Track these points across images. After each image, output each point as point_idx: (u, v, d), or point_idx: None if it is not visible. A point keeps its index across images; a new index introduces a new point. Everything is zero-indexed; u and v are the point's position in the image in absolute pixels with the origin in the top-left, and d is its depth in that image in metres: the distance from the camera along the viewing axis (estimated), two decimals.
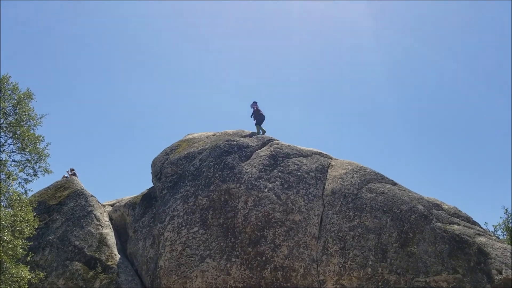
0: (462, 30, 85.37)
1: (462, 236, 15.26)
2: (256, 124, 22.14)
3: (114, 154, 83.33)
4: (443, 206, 16.83)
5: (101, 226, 20.41)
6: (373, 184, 17.65)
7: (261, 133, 21.85)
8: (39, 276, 15.82)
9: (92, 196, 21.93)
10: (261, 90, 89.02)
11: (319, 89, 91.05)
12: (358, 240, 16.03)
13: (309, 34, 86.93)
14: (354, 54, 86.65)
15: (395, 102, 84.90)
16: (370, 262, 15.55)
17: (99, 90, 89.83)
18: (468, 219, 16.50)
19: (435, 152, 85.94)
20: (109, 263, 18.78)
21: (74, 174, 24.44)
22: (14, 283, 14.37)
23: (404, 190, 17.38)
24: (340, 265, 15.81)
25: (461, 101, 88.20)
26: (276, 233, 16.74)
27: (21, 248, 14.92)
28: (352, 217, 16.64)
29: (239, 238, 16.87)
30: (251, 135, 21.20)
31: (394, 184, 17.79)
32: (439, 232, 15.56)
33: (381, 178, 18.00)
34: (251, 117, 22.31)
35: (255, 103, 22.56)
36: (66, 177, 24.11)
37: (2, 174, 15.88)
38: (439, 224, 15.84)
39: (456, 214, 16.60)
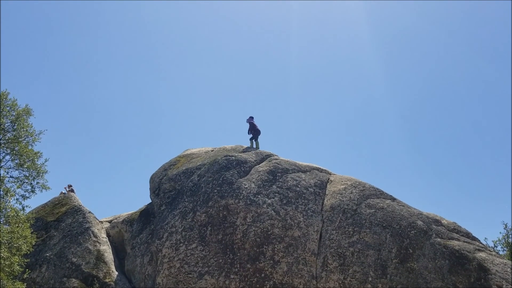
0: (462, 30, 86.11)
1: (462, 251, 15.20)
2: (250, 139, 22.56)
3: (112, 170, 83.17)
4: (443, 222, 16.80)
5: (99, 242, 20.25)
6: (372, 199, 17.62)
7: (255, 146, 22.20)
8: None
9: (89, 212, 21.82)
10: (258, 94, 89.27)
11: (317, 92, 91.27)
12: (358, 256, 15.93)
13: (308, 35, 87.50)
14: (351, 54, 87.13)
15: (392, 109, 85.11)
16: (370, 278, 15.43)
17: (97, 106, 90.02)
18: (467, 235, 16.47)
19: (434, 166, 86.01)
20: (107, 280, 18.60)
21: (72, 191, 24.35)
22: None
23: (403, 206, 17.36)
24: (340, 282, 15.69)
25: (461, 108, 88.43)
26: (275, 249, 16.64)
27: (18, 265, 14.79)
28: (352, 233, 16.56)
29: (238, 254, 16.75)
30: (246, 150, 21.24)
31: (393, 199, 17.77)
32: (439, 247, 15.50)
33: (380, 194, 17.98)
34: (248, 132, 22.66)
35: (251, 118, 22.96)
36: (64, 193, 24.01)
37: (0, 190, 15.81)
38: (438, 239, 15.79)
39: (456, 230, 16.56)
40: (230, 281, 16.36)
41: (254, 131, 22.60)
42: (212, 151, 22.41)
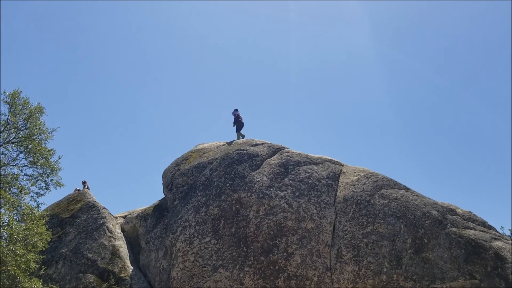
0: (462, 30, 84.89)
1: (478, 240, 15.03)
2: (236, 131, 23.56)
3: (125, 166, 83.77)
4: (458, 211, 16.60)
5: (114, 238, 20.41)
6: (385, 190, 17.47)
7: (241, 138, 23.05)
8: None
9: (104, 208, 21.98)
10: (259, 93, 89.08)
11: (317, 92, 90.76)
12: (372, 247, 15.84)
13: (307, 34, 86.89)
14: (351, 54, 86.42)
15: (393, 108, 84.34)
16: (385, 269, 15.34)
17: (108, 102, 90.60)
18: (483, 224, 16.26)
19: (446, 155, 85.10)
20: (122, 275, 18.75)
21: (87, 187, 24.55)
22: None
23: (417, 196, 17.18)
24: (355, 273, 15.62)
25: (462, 106, 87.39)
26: (289, 241, 16.61)
27: (34, 261, 14.94)
28: (365, 224, 16.46)
29: (252, 247, 16.76)
30: (257, 143, 21.20)
31: (407, 189, 17.60)
32: (455, 237, 15.34)
33: (394, 184, 17.82)
34: (234, 125, 23.77)
35: (235, 110, 24.14)
36: (79, 189, 24.21)
37: (15, 188, 15.97)
38: (454, 229, 15.62)
39: (471, 219, 16.36)
40: (244, 273, 16.39)
41: (238, 123, 23.60)
42: (223, 145, 22.40)
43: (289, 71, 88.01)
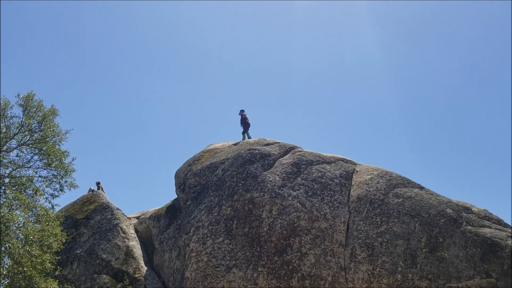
0: (462, 30, 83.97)
1: (494, 239, 14.85)
2: (243, 132, 23.60)
3: (137, 167, 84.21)
4: (473, 209, 16.41)
5: (127, 238, 20.52)
6: (399, 188, 17.34)
7: (247, 139, 23.08)
8: None
9: (117, 209, 22.10)
10: (263, 92, 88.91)
11: (321, 91, 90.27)
12: (387, 246, 15.73)
13: (312, 35, 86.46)
14: (357, 54, 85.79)
15: (397, 105, 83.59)
16: (400, 268, 15.23)
17: (120, 103, 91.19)
18: (499, 222, 16.05)
19: (458, 153, 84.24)
20: (136, 275, 18.84)
21: (100, 188, 24.69)
22: None
23: (431, 194, 17.03)
24: (369, 272, 15.53)
25: (467, 107, 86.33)
26: (302, 241, 16.57)
27: (49, 262, 15.09)
28: (379, 223, 16.35)
29: (265, 247, 16.74)
30: (268, 143, 21.14)
31: (421, 188, 17.45)
32: (470, 235, 15.18)
33: (408, 183, 17.67)
34: (241, 125, 23.81)
35: (242, 111, 24.17)
36: (93, 190, 24.38)
37: (30, 189, 16.14)
38: (469, 227, 15.45)
39: (487, 217, 16.17)
40: (258, 273, 16.38)
41: (244, 124, 23.65)
42: (235, 145, 22.40)
43: (295, 71, 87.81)
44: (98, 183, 24.89)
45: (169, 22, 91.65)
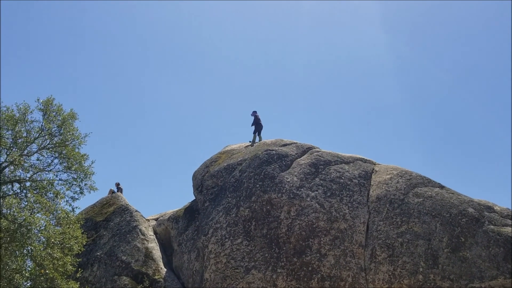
0: (461, 30, 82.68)
1: None
2: (254, 133, 23.53)
3: (155, 168, 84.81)
4: (495, 208, 16.12)
5: (147, 240, 20.66)
6: (419, 188, 17.12)
7: (258, 141, 23.07)
8: None
9: (136, 211, 22.26)
10: (268, 93, 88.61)
11: (326, 91, 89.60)
12: (407, 246, 15.54)
13: (318, 35, 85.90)
14: (363, 54, 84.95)
15: (404, 105, 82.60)
16: (421, 269, 15.04)
17: (137, 106, 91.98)
18: None
19: (467, 152, 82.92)
20: (156, 277, 18.95)
21: (120, 189, 24.91)
22: None
23: (452, 193, 16.78)
24: (390, 273, 15.37)
25: (477, 110, 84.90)
26: (321, 242, 16.47)
27: (70, 264, 15.26)
28: (400, 223, 16.16)
29: (284, 248, 16.69)
30: (286, 143, 21.11)
31: (442, 187, 17.20)
32: (493, 235, 14.92)
33: (428, 182, 17.44)
34: (252, 125, 23.75)
35: (255, 112, 24.14)
36: (113, 191, 24.61)
37: (50, 193, 16.34)
38: (492, 227, 15.18)
39: (510, 216, 15.88)
40: (277, 275, 16.34)
41: (257, 125, 23.60)
42: (252, 146, 22.40)
43: (301, 70, 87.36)
44: (117, 184, 25.12)
45: (180, 23, 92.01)
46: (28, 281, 15.57)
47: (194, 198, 21.90)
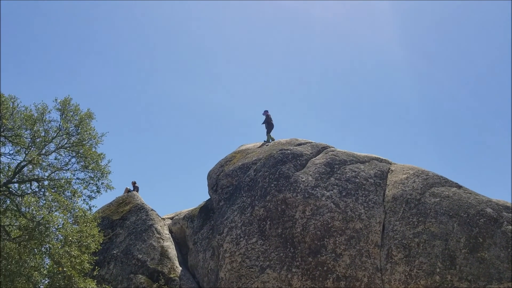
0: (461, 30, 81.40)
1: None
2: (267, 133, 23.64)
3: (170, 168, 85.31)
4: None
5: (162, 239, 20.79)
6: (436, 188, 16.92)
7: (271, 141, 23.07)
8: None
9: (152, 210, 22.42)
10: (282, 93, 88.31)
11: (338, 92, 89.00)
12: (424, 246, 15.39)
13: (331, 35, 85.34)
14: (378, 55, 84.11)
15: (420, 105, 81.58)
16: (438, 270, 14.88)
17: (151, 105, 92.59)
18: None
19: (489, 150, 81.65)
20: (171, 275, 19.07)
21: (136, 188, 25.12)
22: None
23: (470, 193, 16.55)
24: (406, 274, 15.23)
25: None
26: (337, 242, 16.39)
27: (87, 262, 15.44)
28: (416, 223, 16.01)
29: (299, 248, 16.65)
30: (301, 143, 21.03)
31: (459, 187, 16.98)
32: (511, 235, 14.68)
33: (445, 182, 17.23)
34: (263, 124, 23.90)
35: (266, 111, 24.20)
36: (129, 189, 24.83)
37: (68, 191, 16.56)
38: (510, 227, 14.95)
39: None
40: (292, 274, 16.31)
41: (268, 125, 23.74)
42: (267, 145, 22.39)
43: (316, 70, 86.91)
44: (134, 183, 25.34)
45: (178, 20, 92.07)
46: (46, 279, 15.79)
47: (209, 197, 21.98)
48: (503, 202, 16.15)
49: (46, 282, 15.90)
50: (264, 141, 23.31)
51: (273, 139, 23.21)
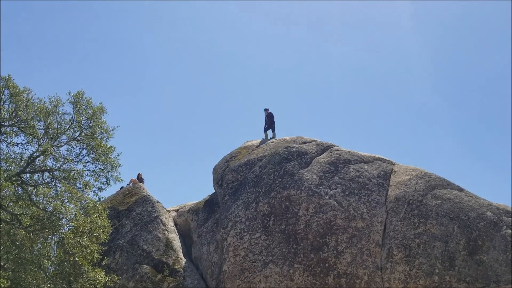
0: (461, 30, 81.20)
1: None
2: (265, 130, 23.85)
3: (176, 161, 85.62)
4: None
5: (167, 231, 21.19)
6: (438, 190, 17.29)
7: (270, 137, 23.34)
8: (114, 280, 16.76)
9: (158, 202, 22.75)
10: (299, 95, 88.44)
11: (348, 89, 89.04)
12: (424, 247, 15.79)
13: (349, 37, 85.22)
14: (396, 55, 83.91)
15: (441, 109, 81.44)
16: (437, 270, 15.29)
17: (158, 98, 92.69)
18: None
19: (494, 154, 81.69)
20: (176, 266, 19.49)
21: (142, 180, 25.44)
22: (91, 286, 15.31)
23: (471, 196, 16.92)
24: (406, 273, 15.65)
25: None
26: (339, 240, 16.80)
27: (97, 252, 15.85)
28: (417, 224, 16.40)
29: (301, 244, 17.06)
30: (306, 141, 21.30)
31: (461, 190, 17.34)
32: (510, 239, 15.06)
33: (447, 184, 17.59)
34: (265, 123, 24.00)
35: (266, 109, 24.29)
36: (136, 181, 25.14)
37: (79, 183, 16.96)
38: (510, 231, 15.33)
39: None
40: (294, 270, 16.73)
41: (270, 123, 23.85)
42: (272, 142, 22.68)
43: (326, 69, 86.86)
44: (140, 175, 25.66)
45: (204, 23, 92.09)
46: (53, 266, 16.22)
47: (214, 191, 22.32)
48: (503, 206, 16.51)
49: (51, 270, 16.32)
50: (270, 137, 23.60)
51: (266, 137, 23.50)
